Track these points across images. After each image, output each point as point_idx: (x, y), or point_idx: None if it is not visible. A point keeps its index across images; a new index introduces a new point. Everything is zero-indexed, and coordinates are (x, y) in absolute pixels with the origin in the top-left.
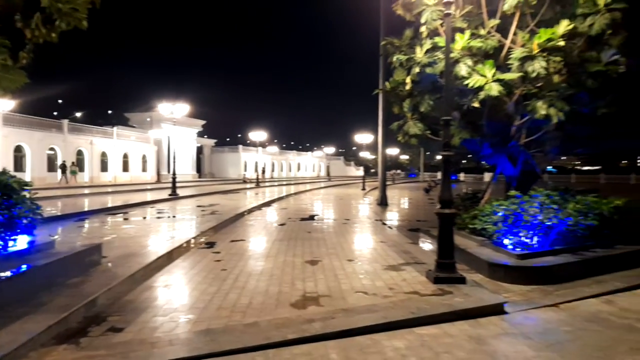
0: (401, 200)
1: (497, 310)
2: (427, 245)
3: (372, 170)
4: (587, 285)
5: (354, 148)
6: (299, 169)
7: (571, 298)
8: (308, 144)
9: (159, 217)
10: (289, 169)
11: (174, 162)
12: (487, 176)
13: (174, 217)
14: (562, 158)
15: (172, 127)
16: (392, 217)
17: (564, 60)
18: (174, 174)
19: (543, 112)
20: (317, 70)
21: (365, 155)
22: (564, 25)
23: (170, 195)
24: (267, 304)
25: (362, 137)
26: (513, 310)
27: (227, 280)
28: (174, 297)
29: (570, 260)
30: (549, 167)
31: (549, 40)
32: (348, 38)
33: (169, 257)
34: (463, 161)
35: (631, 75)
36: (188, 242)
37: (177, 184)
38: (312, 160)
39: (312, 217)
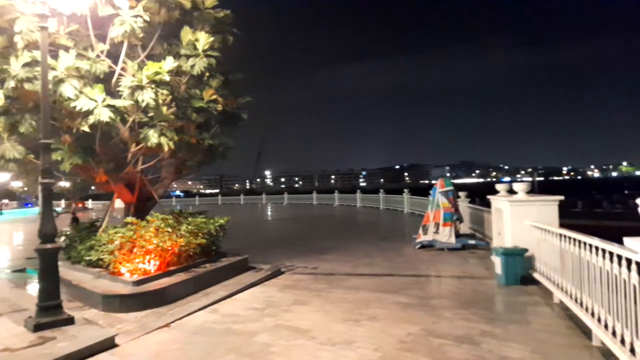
0: (14, 234)
1: (107, 345)
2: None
3: None
4: (197, 299)
5: None
6: None
7: (182, 315)
8: None
9: None
10: None
11: None
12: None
13: None
14: (189, 183)
15: None
16: None
17: (172, 94)
18: None
19: (155, 140)
20: None
21: None
22: (169, 62)
23: None
24: None
25: None
26: (125, 340)
27: None
28: None
29: (183, 278)
30: (177, 192)
31: (157, 73)
32: None
33: None
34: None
35: (226, 113)
36: None
37: None
38: None
39: None
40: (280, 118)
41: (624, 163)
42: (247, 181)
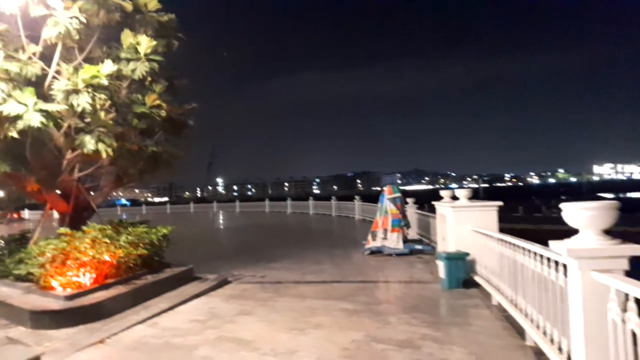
0: None
1: None
2: None
3: None
4: (136, 313)
5: None
6: None
7: (118, 330)
8: None
9: None
10: None
11: None
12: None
13: None
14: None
15: None
16: None
17: (111, 99)
18: None
19: (92, 147)
20: None
21: None
22: (108, 66)
23: None
24: None
25: None
26: (52, 359)
27: None
28: None
29: (122, 291)
30: (122, 200)
31: (94, 77)
32: None
33: None
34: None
35: (171, 119)
36: None
37: None
38: None
39: None
40: (234, 126)
41: (561, 170)
42: (198, 189)
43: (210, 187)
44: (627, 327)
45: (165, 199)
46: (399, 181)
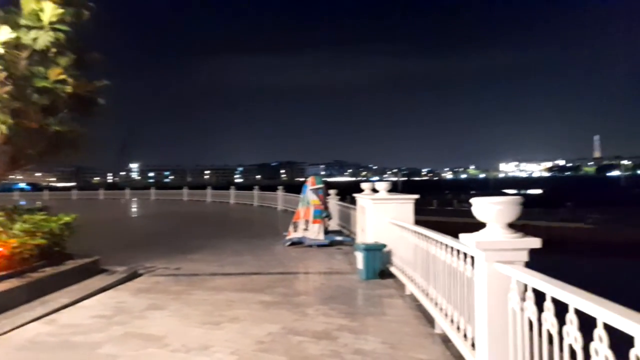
0: None
1: None
2: None
3: None
4: (31, 309)
5: None
6: None
7: (8, 328)
8: None
9: None
10: None
11: None
12: None
13: None
14: (38, 174)
15: None
16: None
17: (7, 70)
18: None
19: None
20: None
21: None
22: (5, 32)
23: None
24: None
25: None
26: None
27: None
28: None
29: (15, 285)
30: (21, 185)
31: None
32: None
33: None
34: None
35: (79, 96)
36: None
37: None
38: None
39: None
40: (154, 109)
41: (472, 167)
42: (110, 174)
43: (123, 173)
44: (525, 315)
45: (72, 184)
46: (322, 172)
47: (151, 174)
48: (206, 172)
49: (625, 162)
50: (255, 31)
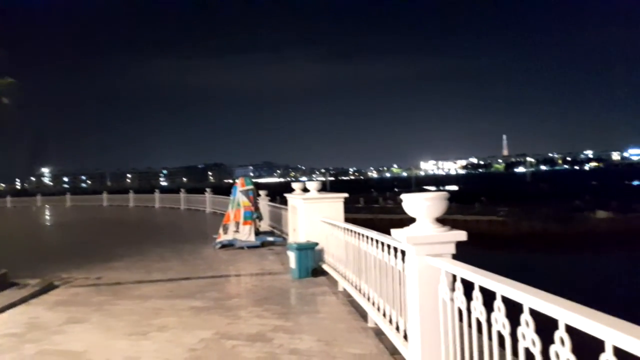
0: None
1: None
2: None
3: None
4: None
5: None
6: None
7: None
8: None
9: None
10: None
11: None
12: None
13: None
14: None
15: None
16: None
17: None
18: None
19: None
20: None
21: None
22: None
23: None
24: None
25: None
26: None
27: None
28: None
29: None
30: None
31: None
32: None
33: None
34: None
35: None
36: None
37: None
38: None
39: None
40: (72, 111)
41: (395, 165)
42: (18, 180)
43: (33, 179)
44: (455, 305)
45: None
46: (252, 174)
47: (66, 179)
48: (128, 175)
49: (529, 159)
50: (182, 34)
